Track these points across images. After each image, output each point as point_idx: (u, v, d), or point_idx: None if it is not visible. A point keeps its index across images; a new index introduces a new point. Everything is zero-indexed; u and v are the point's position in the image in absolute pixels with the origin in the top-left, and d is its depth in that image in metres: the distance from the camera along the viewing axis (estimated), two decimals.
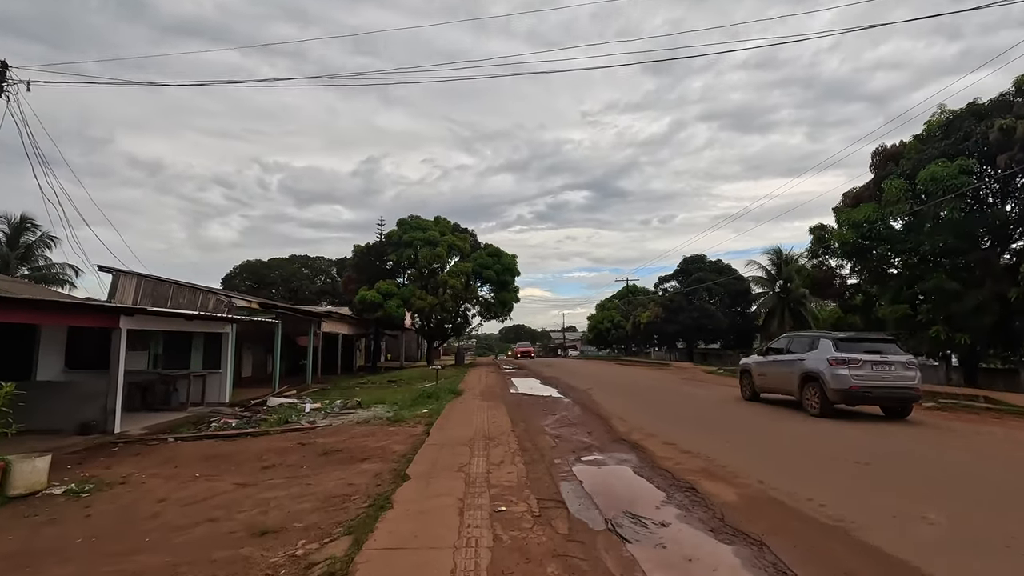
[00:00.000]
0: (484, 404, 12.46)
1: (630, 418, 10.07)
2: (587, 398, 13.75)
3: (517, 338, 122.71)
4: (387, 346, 47.61)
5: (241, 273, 64.35)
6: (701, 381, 19.72)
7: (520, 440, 7.96)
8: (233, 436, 9.88)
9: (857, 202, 19.91)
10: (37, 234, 34.35)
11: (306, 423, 10.78)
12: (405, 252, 30.56)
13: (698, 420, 10.21)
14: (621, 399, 13.48)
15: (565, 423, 9.88)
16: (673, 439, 7.91)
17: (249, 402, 14.79)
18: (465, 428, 8.99)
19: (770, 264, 36.61)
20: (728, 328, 37.14)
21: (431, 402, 13.43)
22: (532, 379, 21.74)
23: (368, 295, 28.65)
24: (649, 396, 14.54)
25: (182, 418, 12.29)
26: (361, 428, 9.76)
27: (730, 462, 6.36)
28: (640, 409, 11.61)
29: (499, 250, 32.98)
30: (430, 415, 10.82)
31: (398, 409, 13.00)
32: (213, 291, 15.41)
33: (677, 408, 12.02)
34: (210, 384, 15.14)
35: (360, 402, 14.39)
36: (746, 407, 12.09)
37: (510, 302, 33.62)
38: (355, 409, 13.77)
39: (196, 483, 6.63)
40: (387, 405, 14.25)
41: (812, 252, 22.81)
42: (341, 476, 6.38)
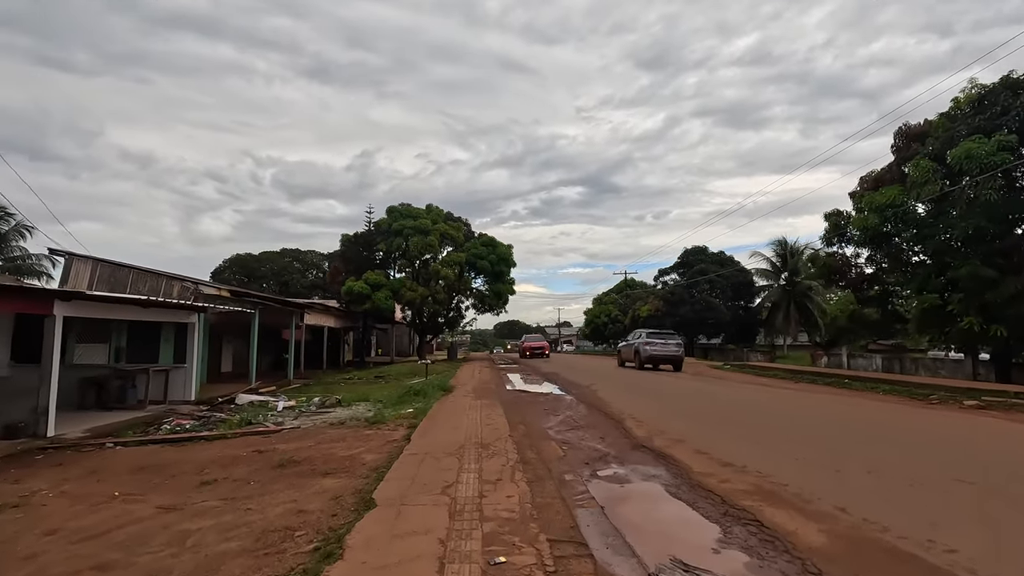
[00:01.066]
0: (477, 403, 11.06)
1: (646, 419, 8.69)
2: (592, 395, 12.37)
3: (512, 334, 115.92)
4: (377, 340, 46.11)
5: (231, 266, 62.74)
6: (711, 377, 18.40)
7: (520, 448, 6.57)
8: (183, 441, 8.45)
9: (877, 185, 18.61)
10: (11, 223, 32.81)
11: (272, 425, 9.35)
12: (395, 241, 29.05)
13: (725, 421, 8.84)
14: (630, 397, 12.12)
15: (571, 425, 8.49)
16: (705, 446, 6.53)
17: (217, 400, 13.34)
18: (454, 432, 7.58)
19: (775, 256, 35.36)
20: (731, 322, 35.85)
21: (418, 400, 12.03)
22: (529, 375, 20.37)
23: (355, 286, 27.15)
24: (659, 394, 13.18)
25: (136, 418, 10.84)
26: (333, 431, 8.34)
27: (789, 479, 4.99)
28: (654, 409, 10.24)
29: (494, 240, 31.49)
30: (415, 415, 9.41)
31: (380, 408, 11.59)
32: (178, 277, 13.95)
33: (696, 407, 10.64)
34: (175, 380, 13.69)
35: (340, 400, 12.97)
36: (778, 405, 10.75)
37: (505, 294, 32.17)
38: (333, 408, 12.34)
39: (110, 506, 5.21)
40: (370, 403, 12.85)
41: (826, 239, 21.52)
42: (292, 498, 4.96)
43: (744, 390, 13.79)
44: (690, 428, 7.90)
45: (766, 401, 11.55)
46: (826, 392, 13.29)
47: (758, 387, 14.66)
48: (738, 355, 33.59)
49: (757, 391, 13.54)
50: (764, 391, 13.54)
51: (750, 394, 12.91)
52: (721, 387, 14.56)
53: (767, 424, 8.44)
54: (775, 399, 11.88)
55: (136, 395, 12.79)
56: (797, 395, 12.61)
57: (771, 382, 16.48)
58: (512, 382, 16.76)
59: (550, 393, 13.24)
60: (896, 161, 18.79)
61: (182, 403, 13.27)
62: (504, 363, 30.18)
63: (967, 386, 13.74)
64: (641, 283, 57.79)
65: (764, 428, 8.04)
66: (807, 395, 12.57)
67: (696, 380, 16.88)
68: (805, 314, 33.68)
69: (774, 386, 14.87)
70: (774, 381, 16.83)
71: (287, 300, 19.64)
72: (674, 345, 20.82)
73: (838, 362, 23.87)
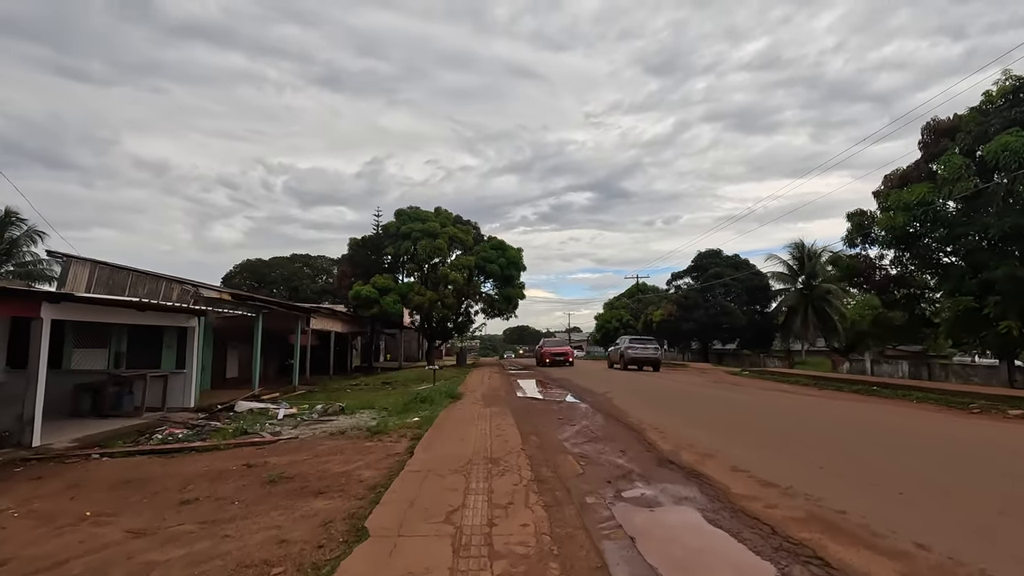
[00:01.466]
0: (487, 411, 10.44)
1: (669, 430, 8.03)
2: (607, 403, 11.71)
3: (521, 339, 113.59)
4: (386, 345, 45.64)
5: (241, 272, 62.79)
6: (731, 383, 17.63)
7: (534, 463, 5.94)
8: (172, 452, 7.91)
9: (904, 183, 17.78)
10: (23, 228, 32.85)
11: (268, 435, 8.79)
12: (403, 245, 28.54)
13: (756, 432, 8.14)
14: (648, 405, 11.44)
15: (589, 436, 7.85)
16: (740, 462, 5.87)
17: (216, 407, 12.83)
18: (461, 444, 6.97)
19: (791, 259, 34.39)
20: (746, 326, 34.89)
21: (424, 408, 11.44)
22: (541, 381, 19.71)
23: (363, 290, 26.65)
24: (680, 402, 12.48)
25: (129, 427, 10.33)
26: (331, 443, 7.75)
27: (848, 504, 4.32)
28: (677, 418, 9.56)
29: (503, 243, 30.86)
30: (420, 425, 8.81)
31: (385, 416, 11.02)
32: (178, 280, 13.51)
33: (721, 417, 9.93)
34: (173, 386, 13.20)
35: (343, 407, 12.41)
36: (809, 414, 10.01)
37: (515, 298, 31.50)
38: (336, 416, 11.79)
39: (76, 529, 4.65)
40: (374, 411, 12.30)
41: (849, 240, 20.67)
42: (277, 523, 4.38)
43: (768, 397, 13.05)
44: (719, 440, 7.22)
45: (795, 409, 10.82)
46: (855, 400, 12.53)
47: (782, 394, 13.91)
48: (754, 361, 32.66)
49: (782, 398, 12.80)
50: (789, 398, 12.80)
51: (776, 402, 12.17)
52: (744, 394, 13.83)
53: (803, 436, 7.74)
54: (804, 407, 11.14)
55: (133, 402, 12.31)
56: (826, 403, 11.86)
57: (794, 389, 15.71)
58: (523, 389, 16.12)
59: (563, 401, 12.58)
60: (923, 158, 17.97)
61: (181, 410, 12.79)
62: (515, 369, 29.53)
63: (1007, 394, 12.92)
64: (653, 287, 56.86)
65: (801, 441, 7.34)
66: (837, 403, 11.82)
67: (717, 387, 16.14)
68: (823, 318, 32.68)
69: (799, 393, 14.12)
70: (797, 388, 16.05)
71: (291, 304, 19.18)
72: (652, 349, 24.94)
73: (861, 368, 22.95)
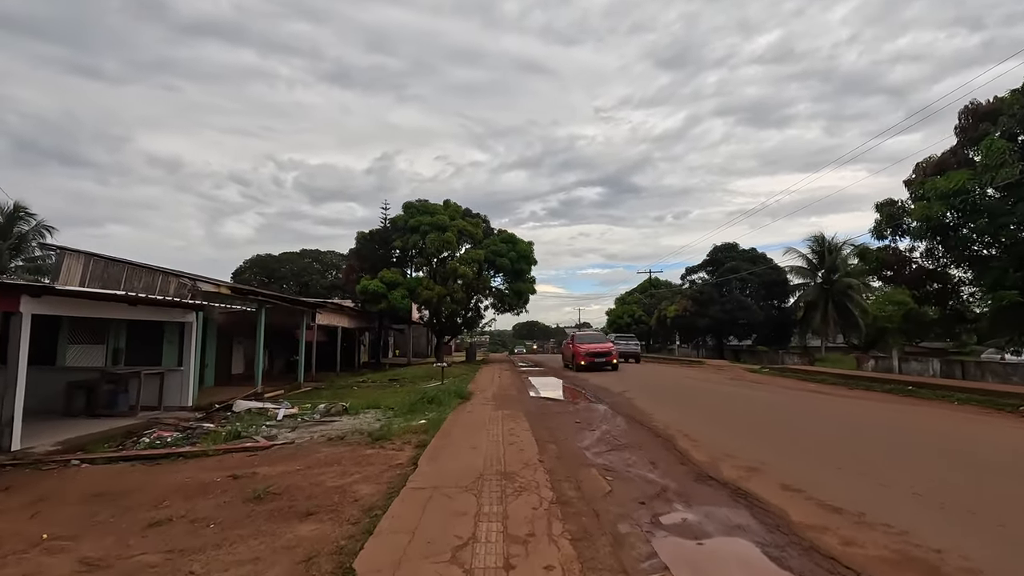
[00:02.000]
0: (498, 413, 9.72)
1: (701, 436, 7.25)
2: (628, 405, 10.94)
3: (530, 334, 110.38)
4: (395, 341, 45.13)
5: (251, 267, 62.70)
6: (754, 382, 16.77)
7: (554, 478, 5.21)
8: (158, 458, 7.27)
9: (939, 171, 16.79)
10: (32, 223, 32.70)
11: (262, 439, 8.13)
12: (411, 238, 27.88)
13: (800, 440, 7.33)
14: (672, 406, 10.66)
15: (612, 444, 7.10)
16: (792, 478, 5.09)
17: (214, 406, 12.24)
18: (471, 454, 6.25)
19: (811, 253, 33.32)
20: (763, 322, 33.88)
21: (432, 409, 10.75)
22: (553, 379, 18.97)
23: (371, 285, 26.05)
24: (705, 402, 11.67)
25: (120, 428, 9.75)
26: (328, 450, 7.07)
27: (945, 540, 3.53)
28: (706, 422, 8.77)
29: (514, 236, 30.11)
30: (426, 429, 8.11)
31: (390, 418, 10.36)
32: (175, 273, 12.94)
33: (755, 420, 9.12)
34: (170, 384, 12.64)
35: (346, 407, 11.75)
36: (852, 418, 9.17)
37: (526, 293, 30.76)
38: (339, 416, 11.15)
39: (24, 558, 4.00)
40: (380, 411, 11.65)
41: (876, 232, 19.68)
42: (253, 554, 3.68)
43: (801, 398, 12.20)
44: (761, 450, 6.43)
45: (833, 412, 9.97)
46: (893, 401, 11.65)
47: (813, 394, 13.06)
48: (772, 358, 31.64)
49: (816, 400, 11.95)
50: (824, 400, 11.95)
51: (811, 403, 11.32)
52: (773, 394, 12.99)
53: (854, 446, 6.91)
54: (842, 410, 10.29)
55: (128, 401, 11.75)
56: (865, 405, 10.99)
57: (824, 388, 14.83)
58: (536, 388, 15.39)
59: (579, 402, 11.83)
60: (960, 143, 16.95)
61: (178, 409, 12.23)
62: (526, 365, 28.82)
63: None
64: (666, 282, 55.87)
65: (854, 452, 6.52)
66: (876, 405, 10.95)
67: (741, 386, 15.30)
68: (844, 313, 31.61)
69: (831, 393, 13.25)
70: (826, 387, 15.17)
71: (296, 299, 18.57)
72: (633, 344, 30.40)
73: (887, 365, 21.90)
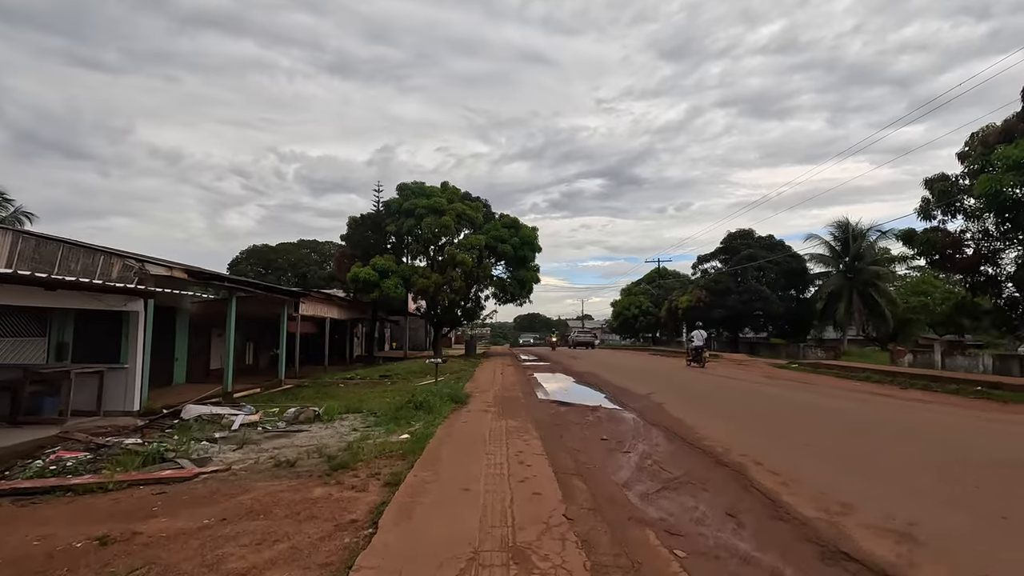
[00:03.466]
0: (501, 424, 7.71)
1: (781, 465, 5.24)
2: (659, 412, 8.93)
3: (532, 327, 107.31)
4: (391, 334, 43.18)
5: (248, 258, 60.92)
6: (792, 380, 14.74)
7: (593, 553, 3.19)
8: (38, 492, 5.29)
9: (1005, 138, 14.68)
10: (10, 209, 30.96)
11: (188, 465, 6.14)
12: (406, 222, 25.81)
13: (943, 477, 5.31)
14: (715, 415, 8.66)
15: (661, 477, 5.09)
16: (991, 558, 3.08)
17: (161, 411, 10.27)
18: (462, 502, 4.22)
19: (833, 240, 31.21)
20: (782, 313, 31.81)
21: (420, 416, 8.76)
22: (562, 376, 16.99)
23: (361, 273, 24.01)
24: (756, 410, 9.64)
25: (31, 441, 7.79)
26: (265, 486, 5.06)
27: None
28: (774, 440, 6.74)
29: (517, 221, 27.98)
30: (407, 450, 6.11)
31: (369, 427, 8.41)
32: (119, 254, 10.96)
33: (840, 438, 7.07)
34: (113, 384, 10.68)
35: (318, 413, 9.76)
36: (967, 437, 7.16)
37: (530, 282, 28.70)
38: (308, 424, 9.18)
39: None
40: (359, 417, 9.72)
41: (923, 212, 17.60)
42: None
43: (873, 405, 10.13)
44: (890, 494, 4.38)
45: (938, 428, 7.94)
46: (977, 407, 9.63)
47: (872, 396, 11.05)
48: (792, 351, 29.60)
49: (892, 407, 9.89)
50: (901, 407, 9.89)
51: (890, 412, 9.24)
52: (831, 399, 10.96)
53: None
54: (949, 424, 8.26)
55: (57, 405, 9.81)
56: (963, 415, 8.97)
57: (877, 388, 12.83)
58: (544, 388, 13.40)
59: (599, 407, 9.79)
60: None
61: (120, 415, 10.27)
62: (531, 359, 26.84)
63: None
64: (674, 272, 53.80)
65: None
66: (975, 415, 8.91)
67: (783, 387, 13.27)
68: (870, 304, 29.58)
69: (894, 396, 11.24)
70: (876, 387, 13.18)
71: (272, 286, 16.57)
72: (590, 336, 44.78)
73: (928, 360, 19.86)
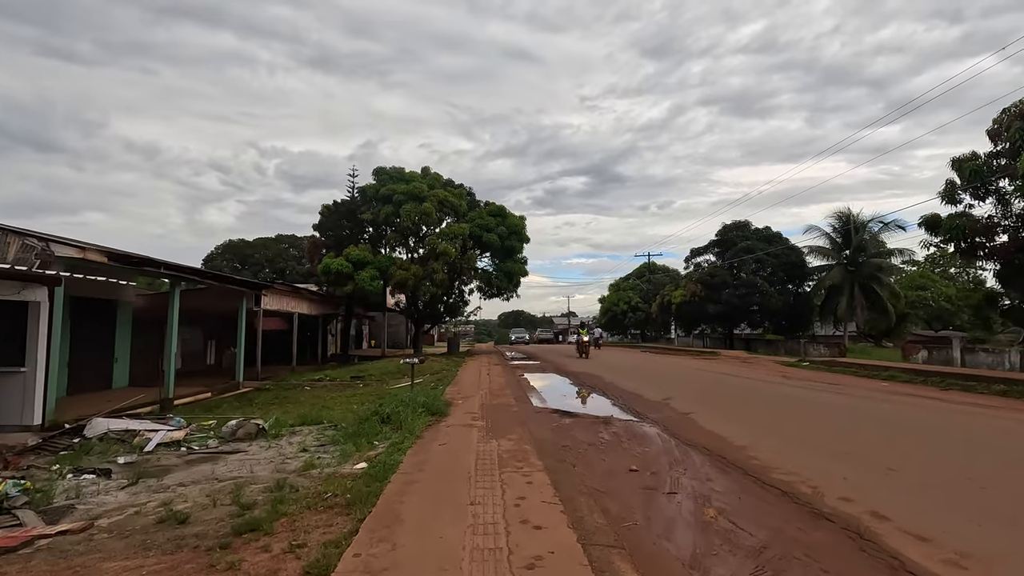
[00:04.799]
0: (491, 447, 5.84)
1: (909, 517, 3.49)
2: (690, 426, 7.15)
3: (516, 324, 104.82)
4: (371, 330, 41.02)
5: (224, 253, 58.24)
6: (810, 380, 13.10)
7: None
8: None
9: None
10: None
11: (30, 520, 4.17)
12: (383, 209, 23.74)
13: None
14: (758, 427, 6.91)
15: (739, 543, 3.26)
16: None
17: (63, 426, 8.23)
18: None
19: (833, 231, 29.88)
20: (781, 308, 30.41)
21: (385, 434, 6.86)
22: (557, 377, 15.17)
23: (334, 264, 21.93)
24: (804, 420, 7.92)
25: None
26: (117, 569, 3.15)
27: None
28: (865, 469, 4.96)
29: (503, 209, 26.04)
30: (357, 493, 4.22)
31: (322, 445, 6.53)
32: (16, 231, 8.86)
33: (946, 461, 5.36)
34: (7, 393, 8.63)
35: (262, 427, 7.79)
36: None
37: (517, 275, 26.81)
38: (248, 441, 7.25)
39: None
40: (317, 430, 7.84)
41: (947, 196, 16.14)
42: None
43: (925, 409, 8.49)
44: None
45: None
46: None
47: (922, 400, 9.42)
48: (791, 348, 28.24)
49: (953, 413, 8.26)
50: (960, 412, 8.26)
51: (958, 421, 7.60)
52: (866, 401, 9.30)
53: None
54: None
55: None
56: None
57: (915, 390, 11.26)
58: (538, 392, 11.56)
59: (611, 418, 7.96)
60: None
61: (16, 430, 8.26)
62: (520, 358, 24.97)
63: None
64: (663, 267, 52.42)
65: None
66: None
67: (806, 388, 11.61)
68: (872, 298, 28.34)
69: (945, 400, 9.63)
70: (913, 388, 11.63)
71: (225, 276, 14.48)
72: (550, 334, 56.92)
73: (945, 357, 18.53)
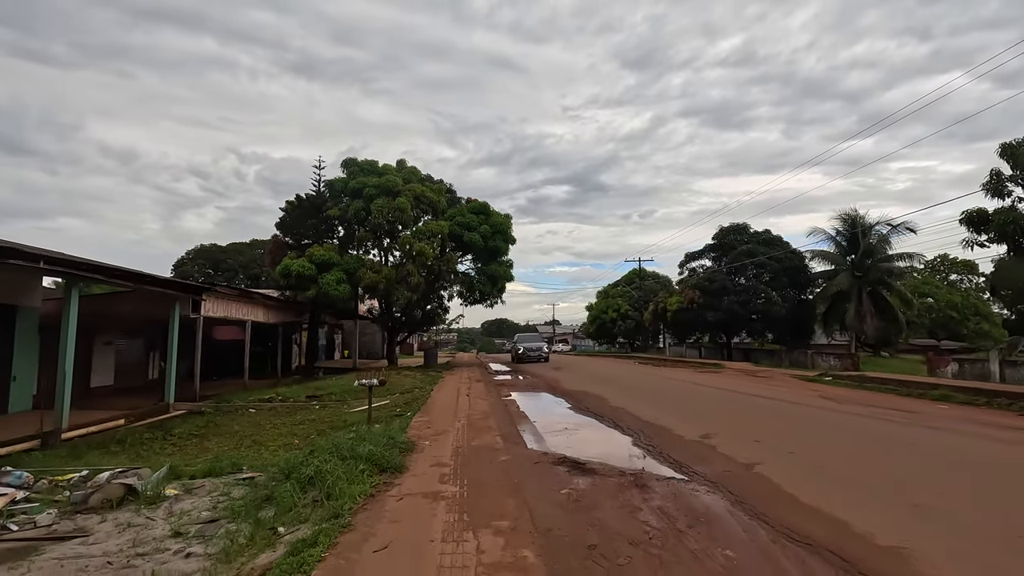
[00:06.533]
0: (469, 550, 3.42)
1: None
2: (768, 490, 4.79)
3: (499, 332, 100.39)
4: (344, 341, 38.21)
5: (195, 258, 54.98)
6: (859, 403, 10.87)
7: None
8: None
9: None
10: None
11: None
12: (352, 205, 21.23)
13: None
14: (865, 488, 4.60)
15: None
16: None
17: None
18: None
19: (839, 235, 28.13)
20: (785, 316, 28.50)
21: (302, 509, 4.39)
22: (550, 397, 12.79)
23: (294, 265, 19.30)
24: (923, 472, 5.62)
25: None
26: None
27: None
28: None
29: (487, 206, 23.64)
30: None
31: (190, 540, 4.00)
32: None
33: None
34: None
35: (139, 487, 5.24)
36: None
37: (502, 279, 24.40)
38: (102, 512, 4.69)
39: None
40: (221, 486, 5.30)
41: (992, 188, 14.24)
42: None
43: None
44: None
45: None
46: None
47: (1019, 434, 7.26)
48: (798, 359, 26.26)
49: None
50: None
51: None
52: (982, 444, 7.10)
53: None
54: None
55: None
56: None
57: (990, 416, 9.12)
58: (532, 422, 9.12)
59: (642, 473, 5.51)
60: None
61: None
62: (506, 372, 22.45)
63: None
64: (653, 274, 50.52)
65: None
66: None
67: (874, 418, 9.36)
68: (881, 306, 26.59)
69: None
70: (985, 413, 9.51)
71: (145, 275, 11.81)
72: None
73: (980, 371, 16.63)
